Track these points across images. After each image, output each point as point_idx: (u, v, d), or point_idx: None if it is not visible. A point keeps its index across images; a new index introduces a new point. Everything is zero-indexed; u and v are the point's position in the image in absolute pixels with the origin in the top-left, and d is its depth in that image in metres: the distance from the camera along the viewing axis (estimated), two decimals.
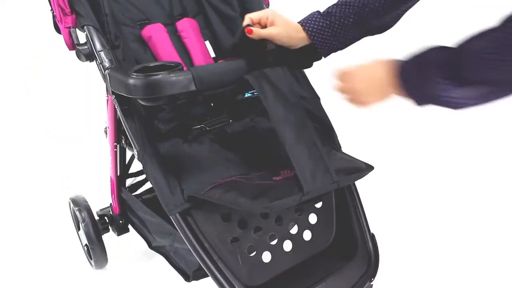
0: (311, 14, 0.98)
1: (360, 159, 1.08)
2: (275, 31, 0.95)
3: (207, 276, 0.99)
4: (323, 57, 1.02)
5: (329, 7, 0.96)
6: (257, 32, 0.95)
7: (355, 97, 0.87)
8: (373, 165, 1.05)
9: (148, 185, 1.49)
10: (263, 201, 0.88)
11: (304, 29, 0.96)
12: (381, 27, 0.98)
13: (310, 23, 0.96)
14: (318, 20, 0.95)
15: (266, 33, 0.95)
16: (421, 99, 0.78)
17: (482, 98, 0.73)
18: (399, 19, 0.97)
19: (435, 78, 0.73)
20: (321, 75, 1.29)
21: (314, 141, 0.93)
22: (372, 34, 0.99)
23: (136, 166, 1.29)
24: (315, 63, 1.06)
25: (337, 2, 0.96)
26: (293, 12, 1.11)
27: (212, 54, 1.34)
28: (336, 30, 0.95)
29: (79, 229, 1.55)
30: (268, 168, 1.04)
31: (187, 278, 1.11)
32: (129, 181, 1.46)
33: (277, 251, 1.06)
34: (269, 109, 0.91)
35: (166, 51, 1.26)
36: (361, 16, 0.94)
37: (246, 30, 0.95)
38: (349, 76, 0.88)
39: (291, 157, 0.90)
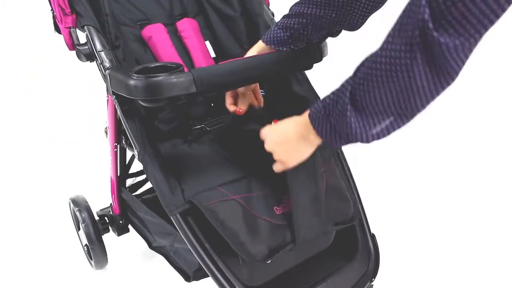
0: (270, 30, 1.00)
1: (349, 200, 1.09)
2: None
3: (207, 276, 0.99)
4: (323, 59, 1.03)
5: (285, 19, 0.97)
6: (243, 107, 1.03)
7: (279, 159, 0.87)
8: (373, 165, 1.05)
9: (148, 185, 1.49)
10: (261, 249, 0.93)
11: (270, 47, 0.99)
12: (349, 28, 0.98)
13: (272, 39, 0.99)
14: (279, 34, 0.98)
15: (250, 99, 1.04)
16: (333, 140, 0.76)
17: (382, 130, 0.71)
18: (365, 20, 0.98)
19: (342, 111, 0.71)
20: (321, 75, 1.30)
21: (318, 194, 0.97)
22: (339, 33, 1.01)
23: (136, 166, 1.29)
24: (315, 65, 1.06)
25: (292, 13, 0.96)
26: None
27: (212, 54, 1.34)
28: (298, 39, 0.97)
29: (79, 229, 1.55)
30: (269, 183, 1.02)
31: (187, 278, 1.11)
32: (129, 181, 1.46)
33: None
34: None
35: (166, 51, 1.26)
36: (319, 25, 0.95)
37: (236, 112, 1.02)
38: (265, 142, 0.90)
39: (294, 209, 0.95)
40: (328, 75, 1.39)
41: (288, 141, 0.83)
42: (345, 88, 0.72)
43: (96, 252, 1.48)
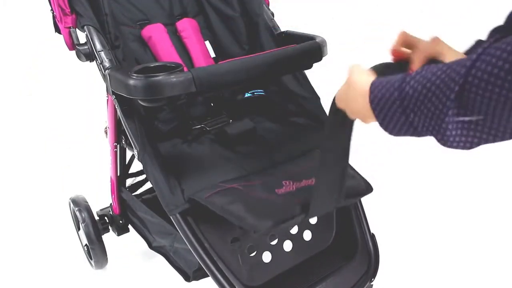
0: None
1: (361, 174, 1.08)
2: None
3: (207, 276, 0.99)
4: (323, 59, 1.02)
5: None
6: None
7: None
8: (372, 165, 1.05)
9: (148, 185, 1.49)
10: (268, 222, 0.89)
11: None
12: None
13: None
14: None
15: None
16: (405, 131, 0.57)
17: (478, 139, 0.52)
18: None
19: (441, 104, 0.51)
20: (321, 75, 1.30)
21: (344, 171, 0.93)
22: None
23: (136, 166, 1.29)
24: (315, 64, 1.06)
25: None
26: (293, 13, 1.11)
27: (212, 54, 1.34)
28: None
29: (79, 229, 1.55)
30: (269, 173, 1.04)
31: (187, 278, 1.11)
32: (129, 181, 1.47)
33: (277, 251, 1.06)
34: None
35: (166, 51, 1.26)
36: None
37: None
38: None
39: (316, 182, 0.90)
40: (328, 75, 1.39)
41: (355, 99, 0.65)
42: (450, 80, 0.50)
43: (96, 252, 1.48)
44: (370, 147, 1.85)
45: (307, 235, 1.11)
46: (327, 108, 1.22)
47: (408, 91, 0.55)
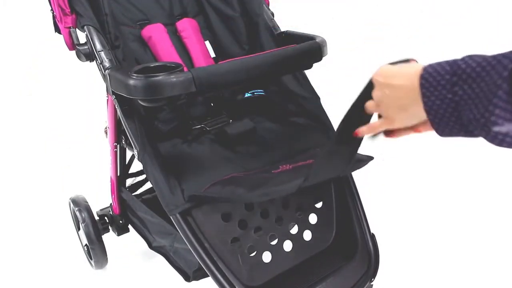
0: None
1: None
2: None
3: (207, 276, 0.99)
4: (322, 59, 1.02)
5: None
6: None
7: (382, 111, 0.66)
8: (372, 165, 1.05)
9: (148, 185, 1.49)
10: (261, 190, 0.89)
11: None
12: None
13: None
14: None
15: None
16: (454, 126, 0.54)
17: None
18: None
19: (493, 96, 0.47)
20: (321, 75, 1.30)
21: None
22: None
23: (136, 166, 1.29)
24: (315, 64, 1.06)
25: None
26: (293, 13, 1.11)
27: (212, 54, 1.34)
28: None
29: (79, 229, 1.55)
30: (267, 168, 1.04)
31: (187, 278, 1.11)
32: (129, 181, 1.47)
33: (277, 251, 1.06)
34: None
35: (166, 51, 1.26)
36: None
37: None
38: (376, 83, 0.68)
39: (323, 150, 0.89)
40: (328, 75, 1.39)
41: (403, 99, 0.61)
42: (508, 60, 0.47)
43: (96, 252, 1.48)
44: (370, 147, 1.85)
45: (307, 235, 1.11)
46: (327, 108, 1.23)
47: (461, 65, 0.52)
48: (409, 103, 0.59)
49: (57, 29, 1.18)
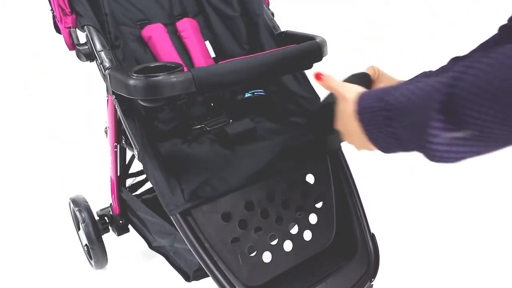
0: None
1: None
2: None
3: (207, 276, 0.99)
4: (323, 58, 1.03)
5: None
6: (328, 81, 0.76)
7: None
8: (372, 165, 1.05)
9: (148, 185, 1.49)
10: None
11: None
12: None
13: None
14: None
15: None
16: (389, 145, 0.61)
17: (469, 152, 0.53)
18: None
19: (427, 117, 0.51)
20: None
21: None
22: None
23: (136, 166, 1.29)
24: (315, 64, 1.06)
25: None
26: (293, 13, 1.11)
27: (212, 54, 1.34)
28: None
29: (79, 229, 1.55)
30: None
31: (187, 278, 1.11)
32: (129, 181, 1.47)
33: (277, 251, 1.06)
34: None
35: (166, 51, 1.26)
36: None
37: (314, 75, 0.80)
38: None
39: None
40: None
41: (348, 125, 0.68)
42: (435, 90, 0.52)
43: (96, 252, 1.48)
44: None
45: (307, 235, 1.11)
46: None
47: (389, 100, 0.57)
48: (358, 136, 0.65)
49: (57, 29, 1.18)
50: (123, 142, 1.23)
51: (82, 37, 1.11)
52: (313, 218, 1.13)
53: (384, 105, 0.57)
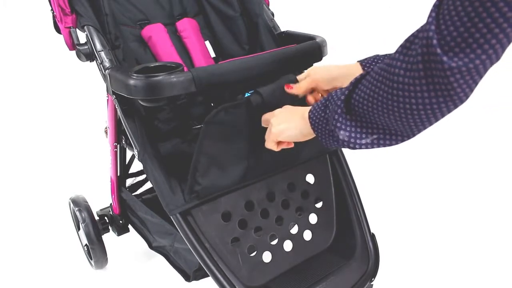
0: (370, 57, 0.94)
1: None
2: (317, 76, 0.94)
3: (207, 276, 0.99)
4: (323, 58, 1.03)
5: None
6: (299, 87, 0.93)
7: (272, 125, 0.86)
8: (372, 165, 1.05)
9: (148, 185, 1.49)
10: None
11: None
12: None
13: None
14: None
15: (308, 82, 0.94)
16: (324, 137, 0.77)
17: (371, 142, 0.72)
18: None
19: (334, 113, 0.72)
20: None
21: None
22: None
23: (136, 166, 1.29)
24: (314, 64, 1.06)
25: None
26: (293, 13, 1.11)
27: (212, 54, 1.34)
28: None
29: (79, 229, 1.55)
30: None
31: (187, 278, 1.11)
32: (129, 181, 1.47)
33: (277, 251, 1.06)
34: None
35: (166, 51, 1.26)
36: None
37: (285, 86, 0.93)
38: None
39: None
40: None
41: (293, 120, 0.83)
42: (341, 93, 0.73)
43: (96, 252, 1.48)
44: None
45: (307, 235, 1.11)
46: None
47: (323, 101, 0.78)
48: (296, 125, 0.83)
49: (57, 29, 1.18)
50: (123, 142, 1.23)
51: (82, 37, 1.11)
52: (313, 218, 1.13)
53: (323, 103, 0.77)
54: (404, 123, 0.65)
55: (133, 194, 1.45)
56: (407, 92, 0.61)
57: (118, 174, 1.37)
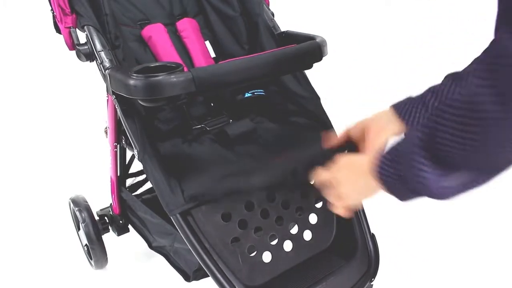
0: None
1: None
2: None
3: (207, 276, 0.99)
4: (323, 58, 1.03)
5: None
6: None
7: (334, 188, 0.80)
8: None
9: (148, 185, 1.49)
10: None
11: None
12: None
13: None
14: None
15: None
16: (400, 191, 0.72)
17: (462, 186, 0.65)
18: None
19: (412, 161, 0.63)
20: (321, 75, 1.30)
21: None
22: None
23: (136, 166, 1.29)
24: (315, 64, 1.06)
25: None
26: (293, 13, 1.11)
27: (212, 54, 1.34)
28: None
29: (79, 229, 1.55)
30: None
31: (187, 278, 1.11)
32: (129, 181, 1.47)
33: (277, 251, 1.06)
34: None
35: (166, 51, 1.26)
36: None
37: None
38: (332, 166, 0.82)
39: None
40: (328, 74, 1.39)
41: (357, 182, 0.78)
42: (414, 136, 0.62)
43: (96, 252, 1.48)
44: None
45: (307, 235, 1.11)
46: (327, 108, 1.23)
47: (388, 157, 0.70)
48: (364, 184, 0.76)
49: (57, 29, 1.18)
50: (123, 142, 1.23)
51: (82, 37, 1.11)
52: (313, 218, 1.13)
53: (391, 157, 0.70)
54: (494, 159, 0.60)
55: (133, 194, 1.45)
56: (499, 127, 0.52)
57: (118, 174, 1.37)
